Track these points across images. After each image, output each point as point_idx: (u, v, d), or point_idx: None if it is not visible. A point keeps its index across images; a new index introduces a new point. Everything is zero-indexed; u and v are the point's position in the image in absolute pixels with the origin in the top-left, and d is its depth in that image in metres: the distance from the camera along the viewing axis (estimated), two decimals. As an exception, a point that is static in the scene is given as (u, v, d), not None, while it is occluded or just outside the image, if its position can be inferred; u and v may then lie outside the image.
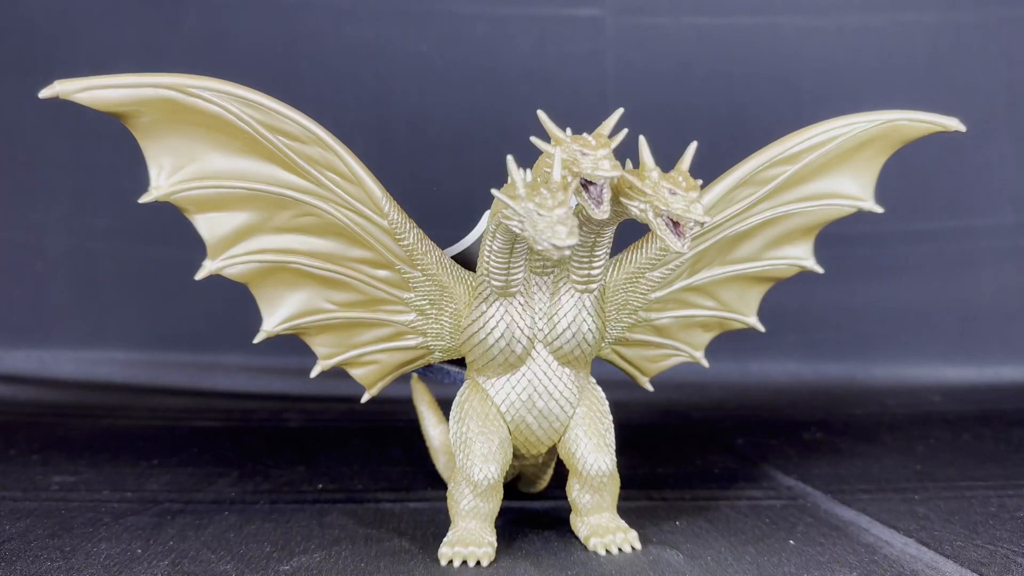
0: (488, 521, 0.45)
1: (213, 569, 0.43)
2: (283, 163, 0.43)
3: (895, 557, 0.44)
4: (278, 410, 0.84)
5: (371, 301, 0.47)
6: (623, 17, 0.99)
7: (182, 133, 0.42)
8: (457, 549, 0.44)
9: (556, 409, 0.46)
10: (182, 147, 0.42)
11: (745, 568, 0.43)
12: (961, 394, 0.91)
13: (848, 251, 0.98)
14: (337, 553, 0.45)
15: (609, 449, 0.46)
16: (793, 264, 0.52)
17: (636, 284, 0.49)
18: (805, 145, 0.48)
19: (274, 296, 0.47)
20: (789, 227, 0.51)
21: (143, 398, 0.89)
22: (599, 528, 0.46)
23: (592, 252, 0.43)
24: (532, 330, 0.45)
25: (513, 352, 0.44)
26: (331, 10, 0.98)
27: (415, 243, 0.45)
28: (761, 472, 0.62)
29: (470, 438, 0.45)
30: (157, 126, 0.42)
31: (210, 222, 0.45)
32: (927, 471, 0.62)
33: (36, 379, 0.93)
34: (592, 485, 0.46)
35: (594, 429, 0.46)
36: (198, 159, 0.43)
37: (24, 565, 0.43)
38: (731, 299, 0.53)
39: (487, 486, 0.44)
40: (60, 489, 0.58)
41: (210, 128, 0.42)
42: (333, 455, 0.67)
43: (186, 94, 0.41)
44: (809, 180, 0.50)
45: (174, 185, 0.43)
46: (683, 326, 0.52)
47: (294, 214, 0.45)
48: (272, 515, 0.52)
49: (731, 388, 0.91)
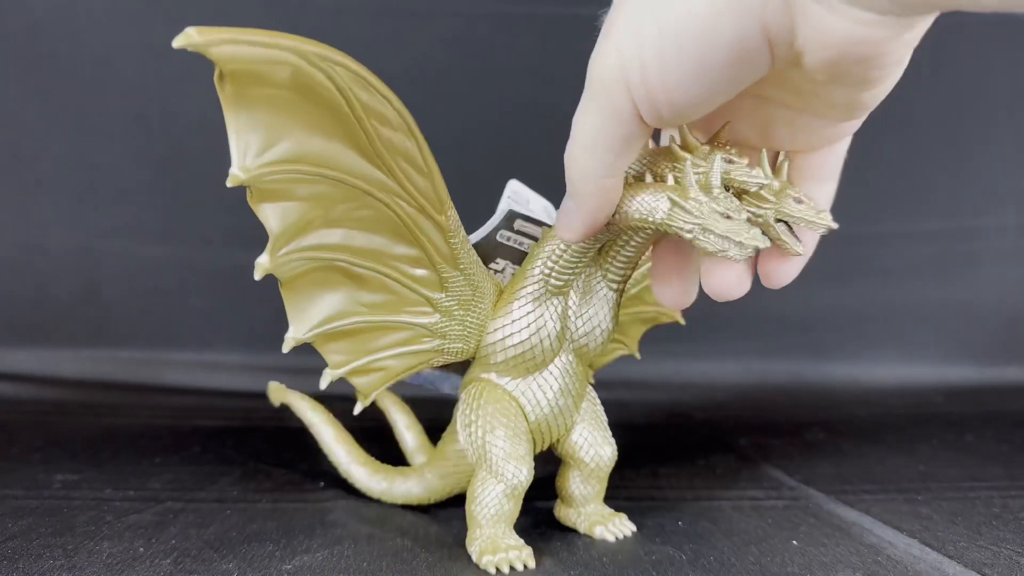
0: (511, 523, 0.46)
1: (215, 568, 0.43)
2: (363, 150, 0.40)
3: (898, 558, 0.44)
4: (280, 409, 0.84)
5: (399, 302, 0.45)
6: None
7: (276, 110, 0.38)
8: (500, 556, 0.43)
9: (572, 406, 0.47)
10: (273, 124, 0.38)
11: (748, 568, 0.43)
12: (964, 395, 0.91)
13: (850, 252, 0.98)
14: (339, 552, 0.45)
15: (609, 438, 0.49)
16: None
17: None
18: None
19: (308, 298, 0.44)
20: None
21: (145, 397, 0.89)
22: (596, 516, 0.49)
23: (637, 254, 0.44)
24: (562, 329, 0.45)
25: (549, 350, 0.45)
26: (332, 10, 0.98)
27: (461, 243, 0.45)
28: (764, 472, 0.62)
29: (497, 442, 0.45)
30: (257, 98, 0.37)
31: (279, 212, 0.40)
32: (930, 472, 0.62)
33: (38, 378, 0.93)
34: (597, 475, 0.49)
35: (599, 422, 0.49)
36: (285, 139, 0.38)
37: (26, 564, 0.43)
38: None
39: (523, 488, 0.45)
40: (62, 488, 0.58)
41: (309, 105, 0.38)
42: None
43: (314, 66, 0.37)
44: None
45: (262, 167, 0.38)
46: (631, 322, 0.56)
47: (353, 206, 0.42)
48: (274, 514, 0.52)
49: (733, 388, 0.91)
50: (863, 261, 0.99)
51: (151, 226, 0.94)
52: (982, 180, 1.00)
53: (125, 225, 0.96)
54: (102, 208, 0.96)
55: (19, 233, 0.99)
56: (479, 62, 1.00)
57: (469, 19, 1.00)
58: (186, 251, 0.48)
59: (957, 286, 1.01)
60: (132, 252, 0.97)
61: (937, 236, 1.00)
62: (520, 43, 0.99)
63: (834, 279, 0.99)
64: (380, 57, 0.99)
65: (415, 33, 0.99)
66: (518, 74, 0.99)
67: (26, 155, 0.98)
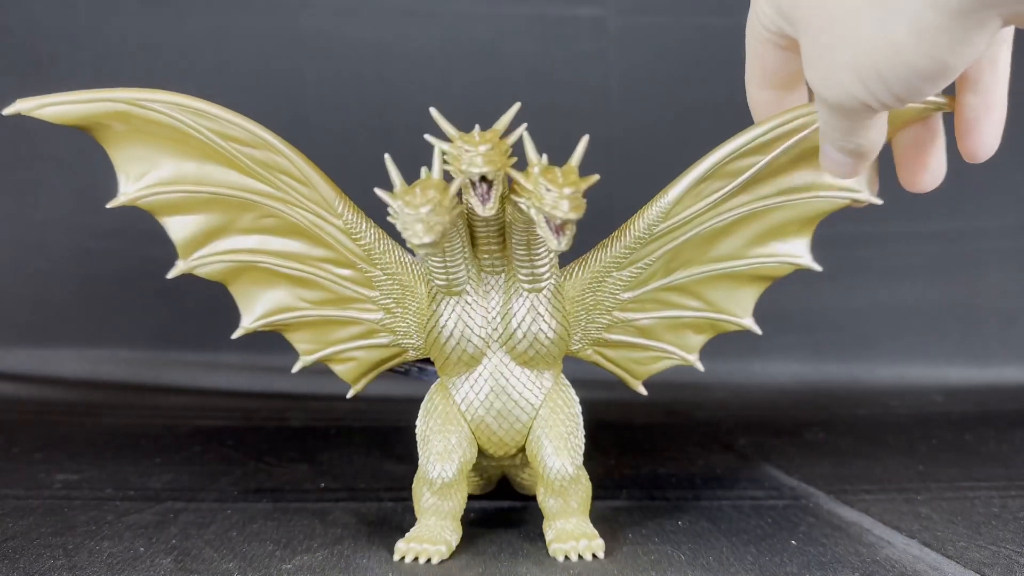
0: (449, 518, 0.45)
1: (216, 568, 0.43)
2: (240, 167, 0.45)
3: (897, 558, 0.44)
4: (281, 409, 0.84)
5: (341, 299, 0.48)
6: (625, 17, 0.99)
7: (143, 143, 0.45)
8: (412, 545, 0.44)
9: (515, 410, 0.46)
10: (145, 155, 0.45)
11: (747, 568, 0.43)
12: (964, 395, 0.91)
13: (851, 251, 0.98)
14: (339, 552, 0.45)
15: (570, 452, 0.46)
16: (785, 262, 0.49)
17: (604, 283, 0.47)
18: (775, 133, 0.44)
19: (250, 294, 0.49)
20: (774, 222, 0.48)
21: (146, 396, 0.89)
22: (563, 533, 0.45)
23: (530, 251, 0.43)
24: (486, 330, 0.45)
25: (465, 351, 0.45)
26: (333, 10, 0.98)
27: (373, 242, 0.46)
28: (763, 472, 0.62)
29: (429, 436, 0.46)
30: (120, 137, 0.45)
31: (178, 224, 0.47)
32: (930, 472, 0.62)
33: (38, 377, 0.93)
34: (554, 488, 0.45)
35: (555, 431, 0.46)
36: (160, 166, 0.45)
37: (27, 563, 0.43)
38: (719, 299, 0.50)
39: (441, 484, 0.45)
40: (63, 487, 0.58)
41: (168, 137, 0.44)
42: (335, 454, 0.67)
43: (139, 107, 0.43)
44: (789, 171, 0.46)
45: (139, 191, 0.46)
46: (669, 327, 0.50)
47: (257, 216, 0.46)
48: (275, 514, 0.52)
49: (733, 388, 0.91)
50: (863, 261, 0.99)
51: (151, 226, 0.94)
52: (982, 180, 1.00)
53: (125, 225, 0.96)
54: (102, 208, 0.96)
55: (19, 233, 0.99)
56: (479, 62, 1.00)
57: (469, 19, 1.00)
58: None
59: (957, 286, 1.01)
60: (132, 252, 0.97)
61: (937, 236, 1.00)
62: (520, 43, 1.00)
63: (834, 279, 0.99)
64: (380, 57, 0.99)
65: (415, 33, 0.99)
66: (518, 74, 0.99)
67: (26, 155, 0.98)
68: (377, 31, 0.98)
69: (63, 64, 0.97)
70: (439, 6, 0.99)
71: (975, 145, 0.40)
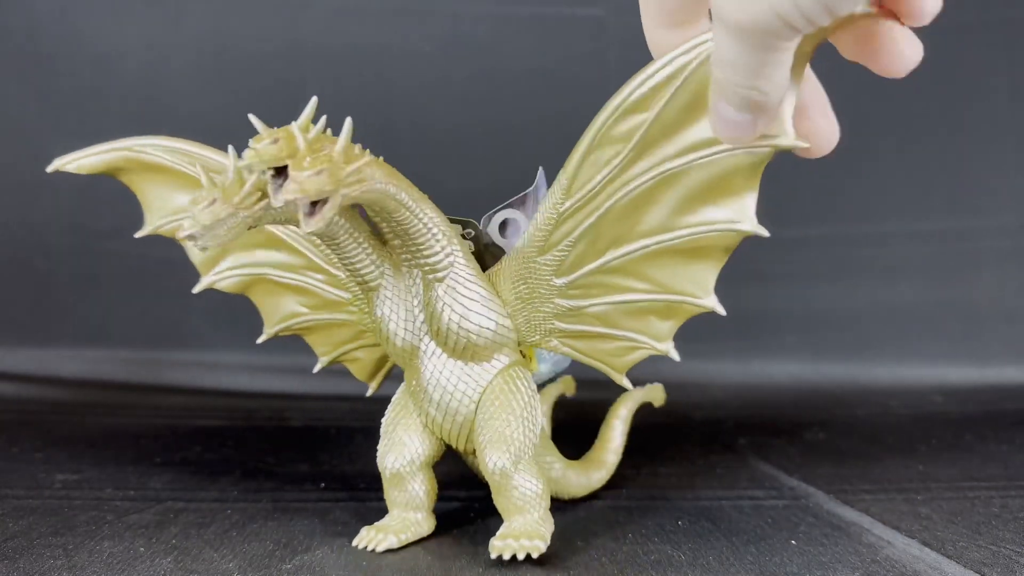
0: (412, 510, 0.47)
1: (216, 567, 0.43)
2: None
3: (897, 558, 0.44)
4: (280, 409, 0.85)
5: (329, 304, 0.51)
6: (625, 17, 0.99)
7: (154, 181, 0.51)
8: (366, 533, 0.46)
9: (453, 402, 0.46)
10: (158, 191, 0.52)
11: (747, 568, 0.43)
12: (963, 394, 0.91)
13: (850, 251, 0.98)
14: (339, 552, 0.45)
15: (504, 446, 0.44)
16: (725, 229, 0.42)
17: (531, 271, 0.45)
18: (648, 85, 0.39)
19: (266, 303, 0.53)
20: (695, 186, 0.41)
21: (145, 396, 0.89)
22: (506, 531, 0.44)
23: (408, 241, 0.42)
24: (413, 323, 0.45)
25: (395, 345, 0.46)
26: (333, 10, 0.98)
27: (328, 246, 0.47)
28: (763, 472, 0.62)
29: (386, 429, 0.48)
30: (137, 178, 0.51)
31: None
32: (929, 472, 0.62)
33: (38, 377, 0.93)
34: (493, 484, 0.44)
35: (490, 425, 0.44)
36: (172, 198, 0.51)
37: (27, 563, 0.43)
38: (667, 278, 0.44)
39: (391, 474, 0.47)
40: (63, 487, 0.58)
41: (169, 174, 0.50)
42: (335, 453, 0.67)
43: (136, 152, 0.50)
44: (685, 125, 0.40)
45: (158, 221, 0.52)
46: (626, 313, 0.46)
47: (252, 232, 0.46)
48: (275, 513, 0.52)
49: (733, 388, 0.91)
50: (863, 261, 0.99)
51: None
52: (982, 180, 1.00)
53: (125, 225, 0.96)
54: (102, 208, 0.96)
55: (19, 232, 0.99)
56: (479, 62, 1.00)
57: (469, 19, 1.00)
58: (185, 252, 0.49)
59: (957, 286, 1.01)
60: (132, 252, 0.97)
61: (937, 236, 1.00)
62: (520, 43, 1.00)
63: (834, 279, 0.99)
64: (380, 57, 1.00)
65: (415, 33, 0.99)
66: (518, 74, 0.99)
67: (26, 155, 0.98)
68: (378, 31, 0.99)
69: (63, 64, 0.97)
70: (439, 6, 0.99)
71: (891, 55, 0.33)
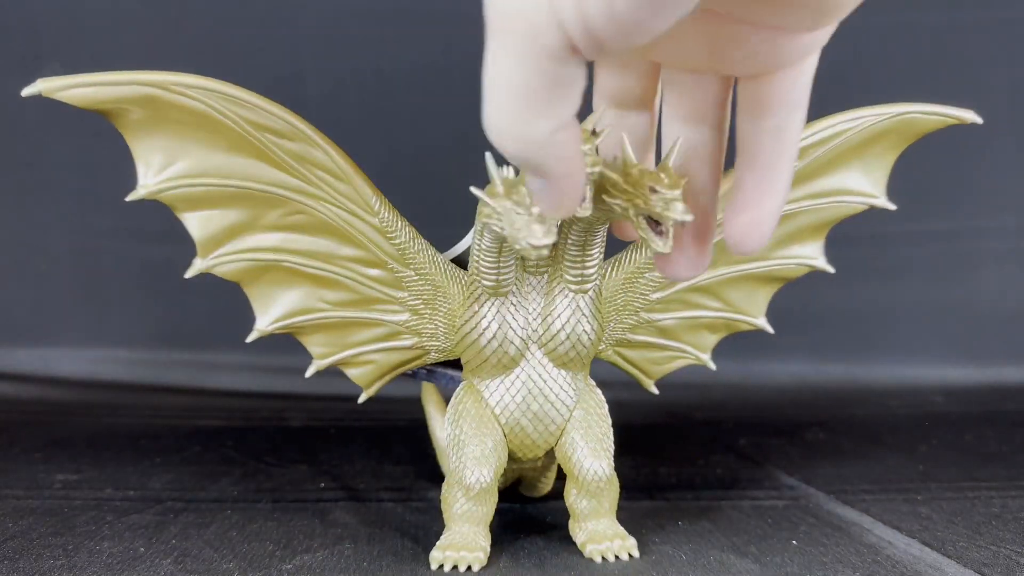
0: (482, 525, 0.45)
1: (216, 568, 0.43)
2: (272, 160, 0.43)
3: (898, 558, 0.44)
4: (280, 409, 0.84)
5: (365, 300, 0.47)
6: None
7: (169, 131, 0.42)
8: (448, 554, 0.43)
9: (552, 412, 0.45)
10: (169, 145, 0.42)
11: (747, 568, 0.43)
12: (964, 395, 0.91)
13: (851, 252, 0.97)
14: (339, 552, 0.45)
15: (606, 453, 0.45)
16: (803, 264, 0.52)
17: (635, 285, 0.48)
18: (809, 141, 0.47)
19: (267, 295, 0.47)
20: (797, 225, 0.50)
21: (145, 397, 0.89)
22: (596, 534, 0.45)
23: (584, 252, 0.43)
24: (526, 331, 0.44)
25: (506, 353, 0.44)
26: (332, 10, 0.98)
27: (407, 241, 0.46)
28: (764, 472, 0.62)
29: (463, 441, 0.45)
30: (143, 124, 0.42)
31: (200, 220, 0.45)
32: (930, 472, 0.62)
33: (38, 378, 0.93)
34: (589, 490, 0.45)
35: (591, 433, 0.46)
36: (185, 157, 0.42)
37: (27, 563, 0.43)
38: (738, 299, 0.52)
39: (479, 489, 0.44)
40: (63, 487, 0.58)
41: (196, 126, 0.42)
42: (335, 454, 0.67)
43: (169, 91, 0.40)
44: (817, 176, 0.49)
45: (161, 183, 0.43)
46: (688, 327, 0.51)
47: (284, 212, 0.45)
48: (274, 514, 0.52)
49: (734, 389, 0.91)
50: (863, 261, 0.99)
51: (151, 226, 0.94)
52: (982, 180, 1.00)
53: (125, 225, 0.96)
54: (102, 208, 0.96)
55: (19, 233, 0.99)
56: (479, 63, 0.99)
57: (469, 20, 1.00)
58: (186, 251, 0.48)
59: (957, 286, 1.01)
60: (132, 252, 0.97)
61: (937, 236, 1.00)
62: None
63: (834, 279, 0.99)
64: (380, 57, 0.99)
65: (415, 33, 0.99)
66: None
67: (26, 155, 0.98)
68: (378, 31, 0.98)
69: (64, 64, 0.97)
70: (441, 6, 0.99)
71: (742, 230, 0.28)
